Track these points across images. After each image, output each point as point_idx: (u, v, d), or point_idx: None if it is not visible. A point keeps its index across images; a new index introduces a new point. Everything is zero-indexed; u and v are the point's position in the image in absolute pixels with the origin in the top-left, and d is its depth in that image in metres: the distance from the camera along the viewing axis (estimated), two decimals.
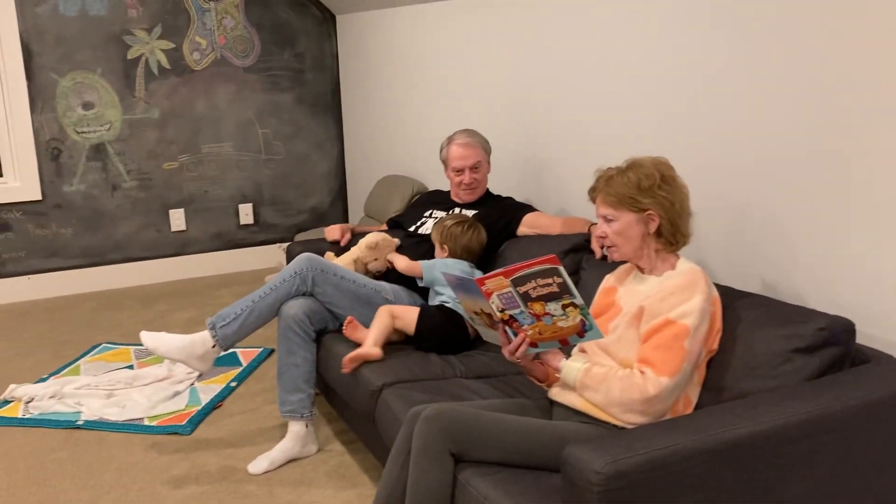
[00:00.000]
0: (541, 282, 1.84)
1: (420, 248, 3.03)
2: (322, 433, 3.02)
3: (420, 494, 1.90)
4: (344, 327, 2.74)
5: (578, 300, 1.85)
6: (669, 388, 1.84)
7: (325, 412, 3.19)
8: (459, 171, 3.07)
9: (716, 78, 2.37)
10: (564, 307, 1.86)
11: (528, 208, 3.07)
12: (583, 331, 1.89)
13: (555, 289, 1.84)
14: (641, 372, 1.87)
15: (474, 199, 3.12)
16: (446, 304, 2.78)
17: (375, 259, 3.04)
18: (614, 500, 1.51)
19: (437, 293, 2.86)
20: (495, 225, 2.99)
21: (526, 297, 1.88)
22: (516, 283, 1.86)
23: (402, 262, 2.93)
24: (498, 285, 1.89)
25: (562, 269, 1.82)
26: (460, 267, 2.85)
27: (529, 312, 1.90)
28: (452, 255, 2.90)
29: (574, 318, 1.87)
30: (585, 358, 2.04)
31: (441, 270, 2.79)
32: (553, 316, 1.89)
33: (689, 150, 2.49)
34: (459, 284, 2.04)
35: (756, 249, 2.30)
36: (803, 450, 1.69)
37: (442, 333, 2.71)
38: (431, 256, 2.95)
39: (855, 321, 1.93)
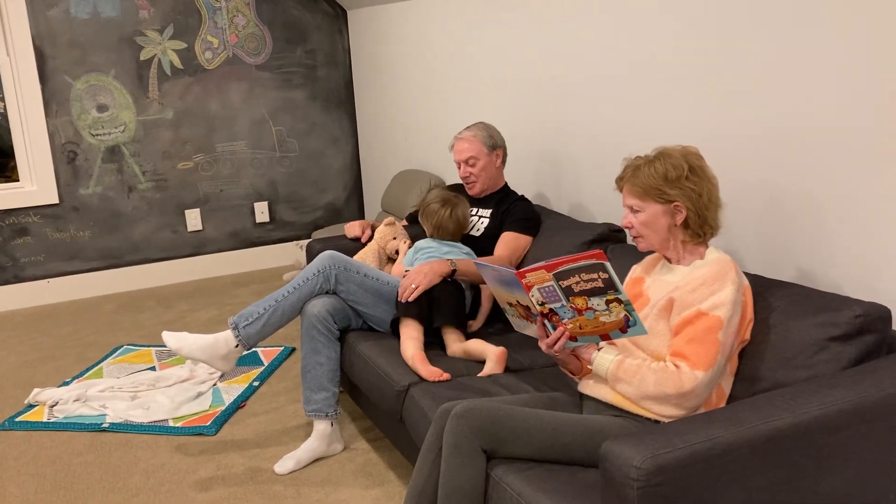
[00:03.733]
0: (585, 277, 1.82)
1: None
2: (347, 431, 3.01)
3: (453, 492, 1.88)
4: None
5: (623, 296, 1.82)
6: (705, 382, 1.81)
7: (349, 410, 3.17)
8: (458, 165, 3.05)
9: (745, 62, 2.33)
10: (608, 302, 1.84)
11: (514, 226, 2.94)
12: (626, 326, 1.87)
13: (599, 284, 1.82)
14: (676, 366, 1.84)
15: (477, 192, 3.07)
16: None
17: (394, 238, 3.05)
18: (654, 495, 1.48)
19: None
20: (498, 228, 2.99)
21: (568, 292, 1.85)
22: (559, 277, 1.84)
23: (395, 268, 2.97)
24: (539, 279, 1.87)
25: (608, 264, 1.79)
26: (434, 246, 2.86)
27: (571, 307, 1.88)
28: (430, 233, 2.93)
29: (618, 313, 1.85)
30: (616, 350, 2.02)
31: (425, 255, 2.83)
32: (595, 311, 1.86)
33: (717, 137, 2.46)
34: (495, 275, 2.02)
35: (789, 237, 2.26)
36: (842, 440, 1.66)
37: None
38: None
39: (891, 307, 1.90)
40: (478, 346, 2.58)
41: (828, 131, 2.09)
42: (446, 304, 2.69)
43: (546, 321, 1.96)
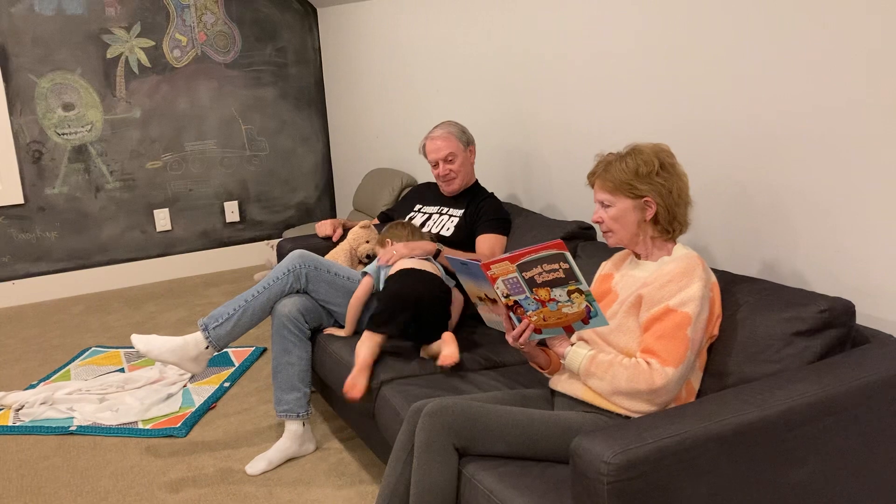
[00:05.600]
0: (547, 267, 1.83)
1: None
2: (319, 431, 2.99)
3: (425, 490, 1.88)
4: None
5: (584, 287, 1.84)
6: (676, 379, 1.83)
7: (321, 410, 3.16)
8: (434, 164, 3.05)
9: (712, 60, 2.35)
10: (570, 293, 1.85)
11: (488, 227, 2.95)
12: (588, 318, 1.88)
13: (561, 275, 1.83)
14: (647, 362, 1.85)
15: (456, 189, 3.08)
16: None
17: (367, 241, 3.03)
18: (624, 490, 1.49)
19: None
20: (468, 227, 2.99)
21: (531, 283, 1.86)
22: (522, 268, 1.85)
23: (403, 248, 2.78)
24: (503, 270, 1.87)
25: (568, 254, 1.81)
26: None
27: (534, 298, 1.89)
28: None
29: (579, 304, 1.86)
30: (589, 346, 2.03)
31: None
32: (558, 302, 1.87)
33: (685, 135, 2.48)
34: (464, 269, 2.02)
35: (756, 232, 2.29)
36: (809, 433, 1.68)
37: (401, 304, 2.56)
38: None
39: (854, 301, 1.93)
40: (438, 345, 2.56)
41: (794, 128, 2.12)
42: (434, 328, 2.60)
43: (511, 314, 1.98)
